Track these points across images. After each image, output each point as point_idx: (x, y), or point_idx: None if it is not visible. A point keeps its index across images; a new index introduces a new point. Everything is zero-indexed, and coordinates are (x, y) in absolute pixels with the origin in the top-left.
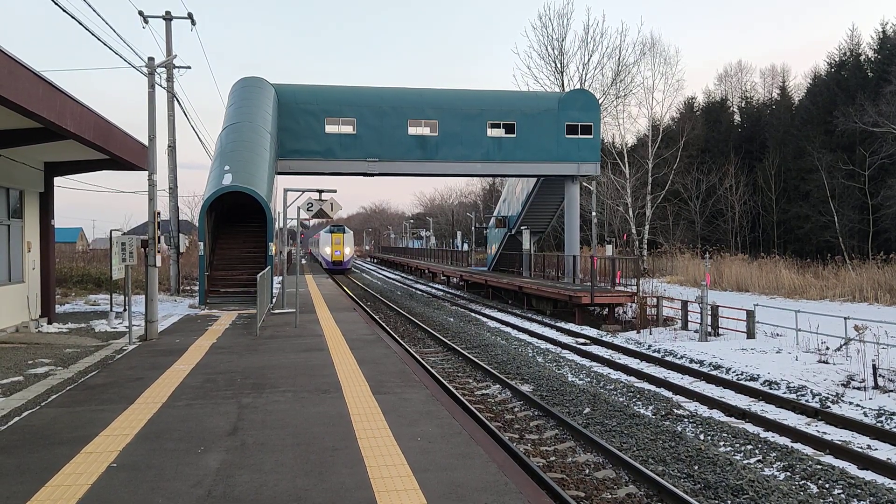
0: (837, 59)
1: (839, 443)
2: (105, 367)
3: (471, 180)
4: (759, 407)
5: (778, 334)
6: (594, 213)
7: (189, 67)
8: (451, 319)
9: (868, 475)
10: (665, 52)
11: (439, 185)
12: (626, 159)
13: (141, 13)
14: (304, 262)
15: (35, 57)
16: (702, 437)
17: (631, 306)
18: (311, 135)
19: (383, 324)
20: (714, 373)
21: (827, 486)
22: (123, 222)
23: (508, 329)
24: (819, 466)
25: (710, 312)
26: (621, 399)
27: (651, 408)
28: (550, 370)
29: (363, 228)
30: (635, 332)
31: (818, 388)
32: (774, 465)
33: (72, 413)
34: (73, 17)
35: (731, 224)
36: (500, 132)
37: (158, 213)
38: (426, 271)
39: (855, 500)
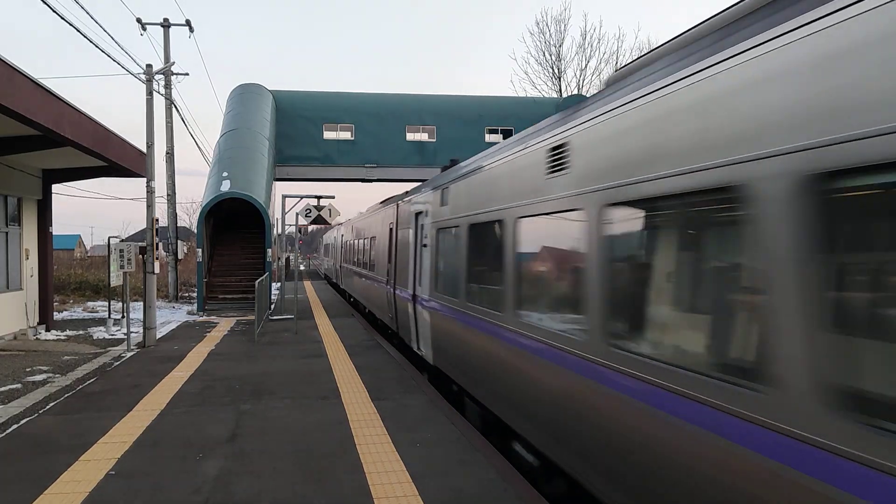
0: None
1: None
2: (103, 375)
3: None
4: None
5: None
6: None
7: (187, 74)
8: None
9: None
10: None
11: None
12: None
13: (139, 20)
14: (301, 267)
15: (33, 64)
16: None
17: None
18: (309, 141)
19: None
20: None
21: None
22: (121, 229)
23: None
24: None
25: None
26: None
27: None
28: None
29: None
30: None
31: None
32: None
33: (70, 420)
34: (70, 25)
35: None
36: (498, 138)
37: (157, 220)
38: None
39: None
